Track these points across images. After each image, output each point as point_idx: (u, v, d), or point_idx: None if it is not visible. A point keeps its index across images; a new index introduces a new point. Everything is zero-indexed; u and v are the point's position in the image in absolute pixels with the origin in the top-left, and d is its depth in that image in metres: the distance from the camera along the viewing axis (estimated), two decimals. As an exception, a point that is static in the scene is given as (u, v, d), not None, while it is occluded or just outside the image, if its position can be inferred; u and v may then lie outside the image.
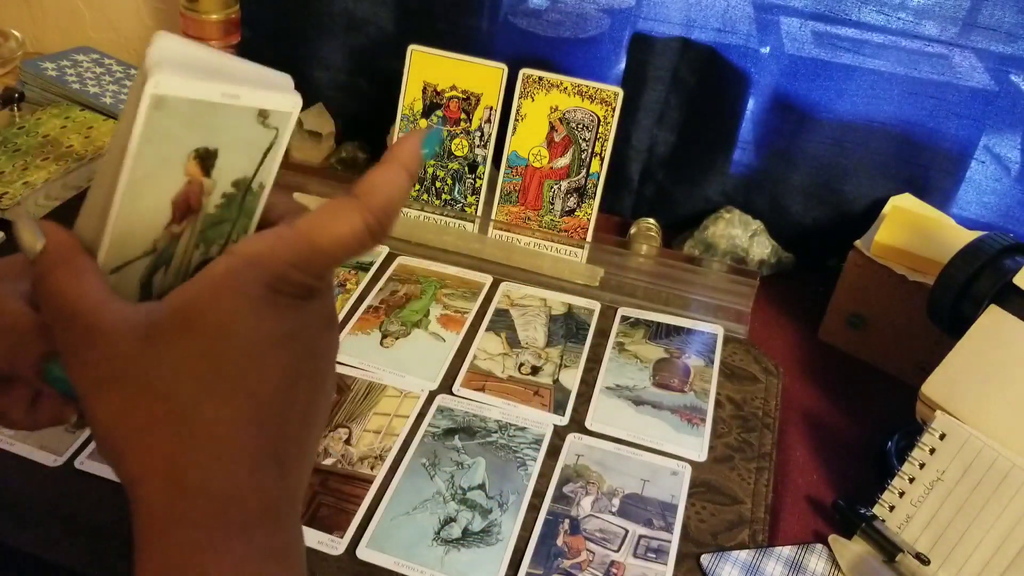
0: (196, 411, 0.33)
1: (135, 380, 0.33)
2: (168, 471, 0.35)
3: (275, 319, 0.34)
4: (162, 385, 0.33)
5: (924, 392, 0.68)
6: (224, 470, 0.34)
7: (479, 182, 0.95)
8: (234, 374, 0.33)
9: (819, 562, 0.66)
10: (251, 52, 1.04)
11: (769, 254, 0.98)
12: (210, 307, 0.33)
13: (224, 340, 0.33)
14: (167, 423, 0.33)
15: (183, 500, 0.35)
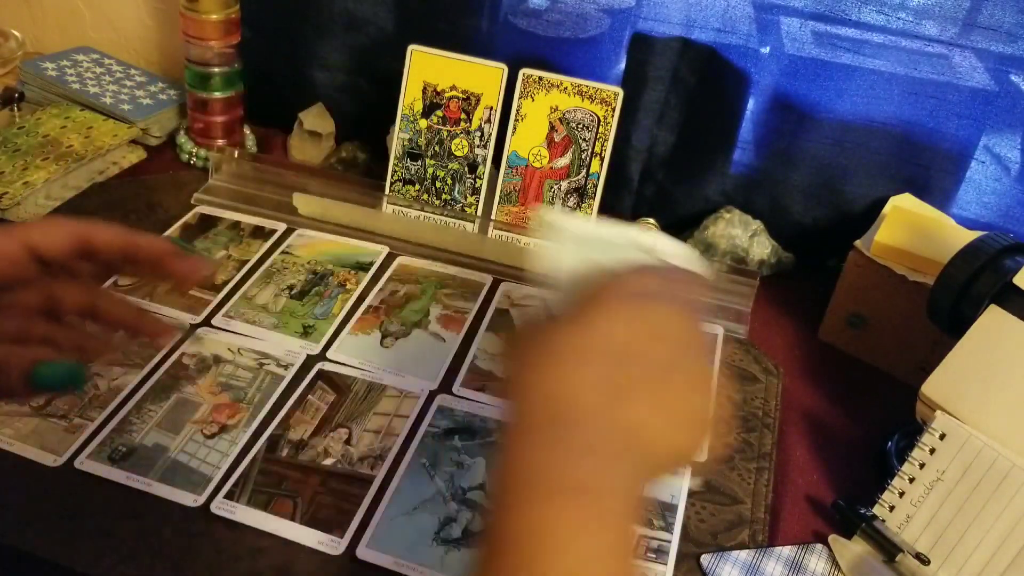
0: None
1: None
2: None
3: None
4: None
5: (924, 392, 0.68)
6: (560, 382, 0.46)
7: (479, 182, 0.95)
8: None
9: (819, 562, 0.66)
10: (251, 52, 1.04)
11: (769, 254, 0.98)
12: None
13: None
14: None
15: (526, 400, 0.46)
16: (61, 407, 0.71)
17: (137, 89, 1.11)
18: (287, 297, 0.86)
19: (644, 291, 0.49)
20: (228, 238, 0.93)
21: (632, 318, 0.48)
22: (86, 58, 1.15)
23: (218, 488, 0.66)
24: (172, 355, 0.77)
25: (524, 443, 0.45)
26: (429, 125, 0.95)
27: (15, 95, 1.08)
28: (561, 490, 0.43)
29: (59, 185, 0.95)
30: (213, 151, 1.02)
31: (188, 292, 0.84)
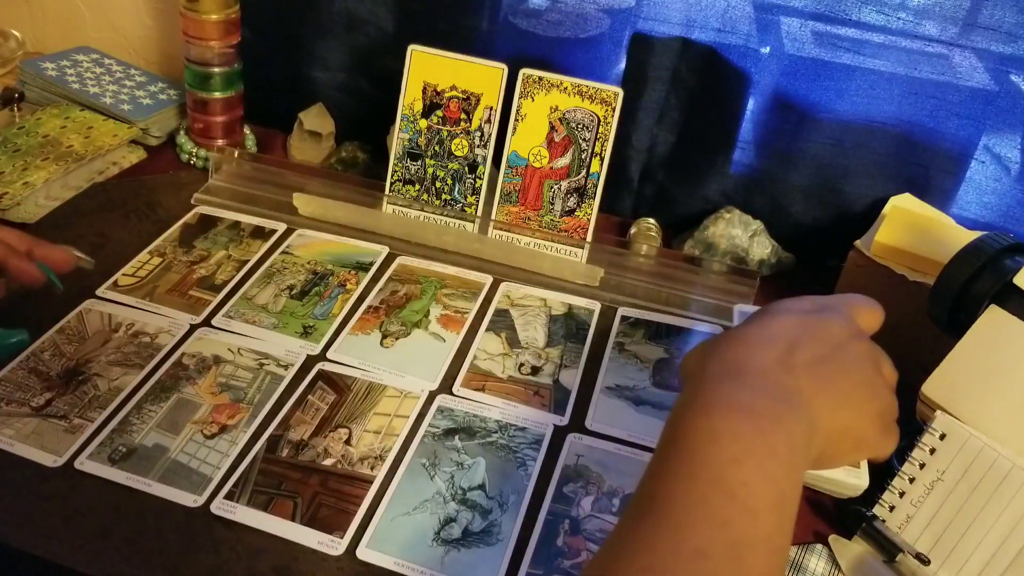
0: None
1: None
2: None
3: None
4: None
5: (924, 392, 0.68)
6: (739, 352, 0.53)
7: (479, 182, 0.95)
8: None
9: (819, 562, 0.66)
10: (251, 52, 1.04)
11: (769, 254, 0.98)
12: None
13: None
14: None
15: (706, 366, 0.53)
16: (61, 407, 0.71)
17: (137, 89, 1.11)
18: (287, 297, 0.86)
19: (811, 307, 0.57)
20: (228, 238, 0.93)
21: (803, 323, 0.55)
22: (86, 58, 1.15)
23: (218, 488, 0.66)
24: (172, 355, 0.77)
25: (706, 386, 0.50)
26: (429, 125, 0.95)
27: (15, 95, 1.08)
28: (742, 408, 0.48)
29: (59, 185, 0.95)
30: (213, 151, 1.02)
31: (188, 292, 0.84)
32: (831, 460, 0.58)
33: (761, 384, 0.50)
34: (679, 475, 0.46)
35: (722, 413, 0.48)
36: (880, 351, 0.59)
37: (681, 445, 0.47)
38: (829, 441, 0.53)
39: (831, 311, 0.57)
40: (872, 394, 0.56)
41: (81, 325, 0.79)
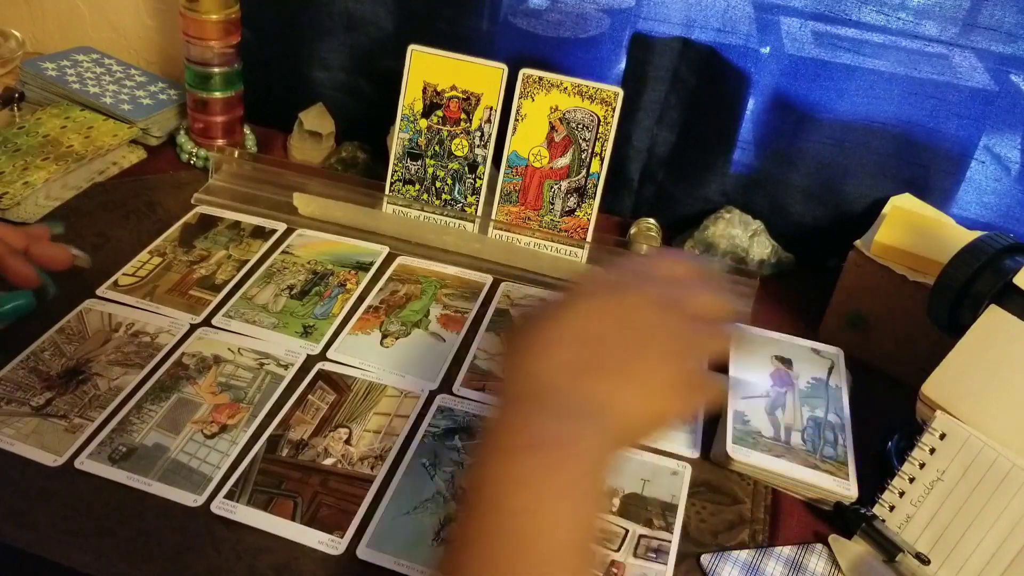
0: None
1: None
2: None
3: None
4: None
5: (924, 392, 0.68)
6: (538, 363, 0.53)
7: (479, 182, 0.95)
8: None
9: (819, 562, 0.67)
10: (251, 52, 1.04)
11: (769, 254, 0.98)
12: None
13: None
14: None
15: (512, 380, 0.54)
16: (61, 407, 0.71)
17: (137, 89, 1.11)
18: (287, 297, 0.86)
19: (615, 283, 0.58)
20: (228, 238, 0.93)
21: (602, 310, 0.56)
22: (86, 58, 1.15)
23: (218, 488, 0.66)
24: (172, 355, 0.77)
25: (503, 412, 0.51)
26: (429, 125, 0.95)
27: (15, 95, 1.08)
28: (529, 444, 0.48)
29: (59, 185, 0.95)
30: (213, 151, 1.03)
31: (188, 292, 0.84)
32: (638, 442, 0.62)
33: (555, 405, 0.51)
34: (477, 530, 0.47)
35: (514, 455, 0.48)
36: (680, 300, 0.59)
37: (478, 491, 0.48)
38: (633, 430, 0.55)
39: (627, 285, 0.58)
40: (676, 369, 0.56)
41: (81, 325, 0.79)
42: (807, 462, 0.71)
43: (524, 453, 0.48)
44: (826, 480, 0.69)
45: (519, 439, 0.49)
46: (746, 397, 0.76)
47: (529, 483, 0.47)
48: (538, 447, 0.49)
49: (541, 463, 0.48)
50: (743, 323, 0.85)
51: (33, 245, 0.74)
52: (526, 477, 0.47)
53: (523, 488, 0.47)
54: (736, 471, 0.72)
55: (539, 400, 0.52)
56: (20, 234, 0.74)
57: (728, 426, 0.72)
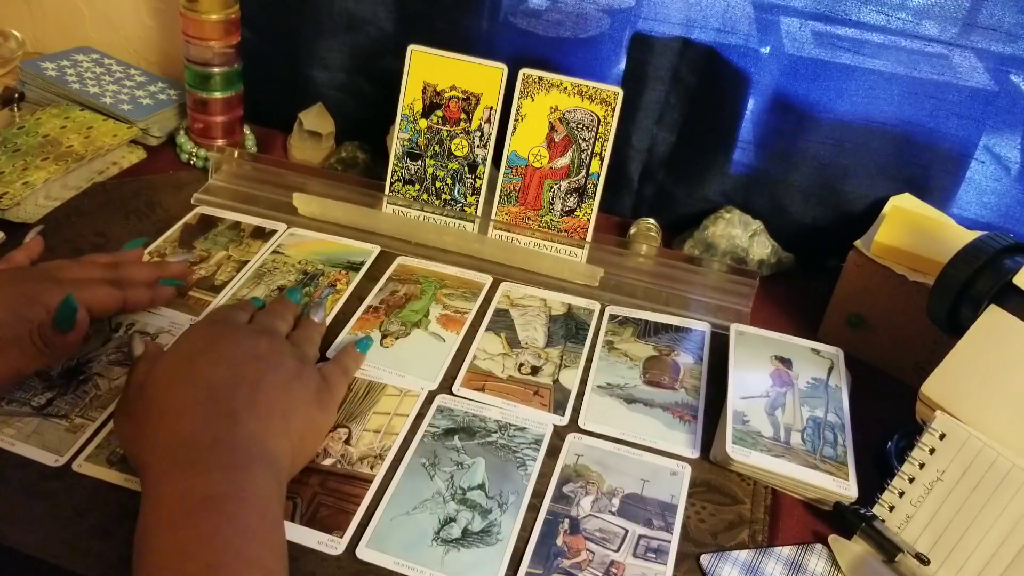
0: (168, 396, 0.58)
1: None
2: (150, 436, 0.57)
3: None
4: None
5: (924, 392, 0.68)
6: (182, 426, 0.54)
7: (479, 182, 0.95)
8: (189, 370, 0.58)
9: (819, 562, 0.66)
10: (251, 52, 1.04)
11: (769, 254, 0.98)
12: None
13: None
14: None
15: (157, 449, 0.54)
16: (62, 407, 0.71)
17: (137, 89, 1.11)
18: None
19: (212, 334, 0.62)
20: (228, 238, 0.93)
21: (216, 356, 0.58)
22: (86, 58, 1.15)
23: (218, 488, 0.66)
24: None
25: (162, 485, 0.51)
26: (429, 125, 0.95)
27: (15, 95, 1.08)
28: (202, 504, 0.48)
29: (59, 185, 0.95)
30: (213, 151, 1.03)
31: (188, 293, 0.84)
32: (299, 465, 0.63)
33: (215, 462, 0.51)
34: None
35: (184, 521, 0.48)
36: (275, 327, 0.67)
37: (157, 562, 0.47)
38: (296, 455, 0.58)
39: (225, 326, 0.63)
40: (301, 384, 0.60)
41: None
42: (807, 462, 0.71)
43: (195, 514, 0.48)
44: (826, 480, 0.69)
45: (186, 504, 0.49)
46: (746, 397, 0.76)
47: (210, 540, 0.47)
48: (208, 505, 0.48)
49: (216, 518, 0.48)
50: (743, 323, 0.85)
51: (158, 271, 0.82)
52: (206, 535, 0.47)
53: (204, 547, 0.46)
54: (736, 471, 0.72)
55: (193, 461, 0.51)
56: (148, 269, 0.82)
57: (728, 426, 0.72)
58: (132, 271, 0.79)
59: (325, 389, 0.64)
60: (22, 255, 0.78)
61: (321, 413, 0.62)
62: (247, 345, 0.61)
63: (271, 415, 0.57)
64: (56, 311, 0.66)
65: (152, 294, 0.79)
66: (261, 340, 0.62)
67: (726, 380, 0.77)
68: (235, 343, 0.61)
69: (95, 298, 0.73)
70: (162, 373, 0.59)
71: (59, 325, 0.66)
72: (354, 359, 0.75)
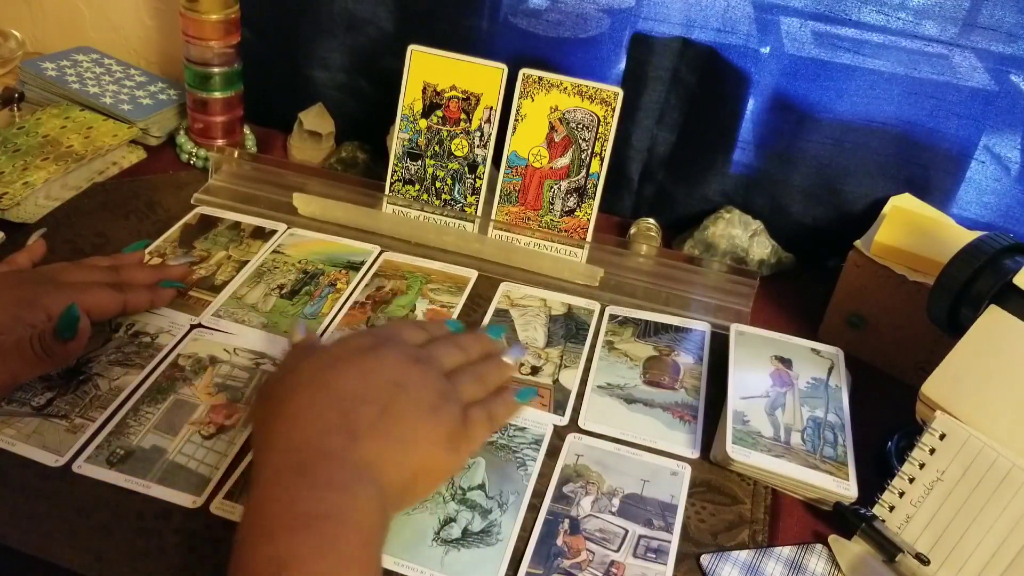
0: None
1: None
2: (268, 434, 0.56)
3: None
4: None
5: (924, 392, 0.68)
6: (302, 431, 0.54)
7: (479, 182, 0.95)
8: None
9: (819, 562, 0.66)
10: (251, 52, 1.04)
11: (769, 254, 0.98)
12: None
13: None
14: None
15: (273, 447, 0.54)
16: (62, 407, 0.71)
17: (137, 89, 1.11)
18: (277, 296, 0.86)
19: (366, 345, 0.60)
20: (228, 238, 0.93)
21: (359, 370, 0.57)
22: (86, 58, 1.15)
23: (217, 488, 0.66)
24: (168, 357, 0.77)
25: (271, 488, 0.50)
26: (429, 125, 0.95)
27: (15, 95, 1.08)
28: (305, 520, 0.47)
29: (59, 185, 0.95)
30: (213, 151, 1.03)
31: (188, 293, 0.84)
32: (413, 501, 0.62)
33: (324, 474, 0.50)
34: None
35: (283, 536, 0.47)
36: (439, 357, 0.62)
37: (249, 570, 0.46)
38: (405, 490, 0.55)
39: (384, 343, 0.60)
40: (435, 421, 0.57)
41: None
42: (807, 462, 0.70)
43: (297, 530, 0.47)
44: (826, 480, 0.69)
45: (290, 516, 0.48)
46: (746, 397, 0.76)
47: (306, 560, 0.46)
48: (311, 522, 0.47)
49: (316, 538, 0.46)
50: (743, 323, 0.85)
51: (158, 274, 0.82)
52: (303, 554, 0.46)
53: (301, 565, 0.45)
54: (736, 471, 0.72)
55: (304, 470, 0.50)
56: (148, 272, 0.81)
57: (728, 426, 0.72)
58: (132, 274, 0.79)
59: (461, 431, 0.59)
60: (24, 257, 0.78)
61: (447, 454, 0.58)
62: (394, 369, 0.58)
63: (390, 442, 0.54)
64: (58, 320, 0.66)
65: (152, 296, 0.79)
66: (413, 368, 0.59)
67: (726, 380, 0.77)
68: (383, 363, 0.58)
69: (96, 302, 0.73)
70: (306, 369, 0.58)
71: (61, 334, 0.66)
72: (507, 407, 0.65)
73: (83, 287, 0.73)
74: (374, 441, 0.53)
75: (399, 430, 0.55)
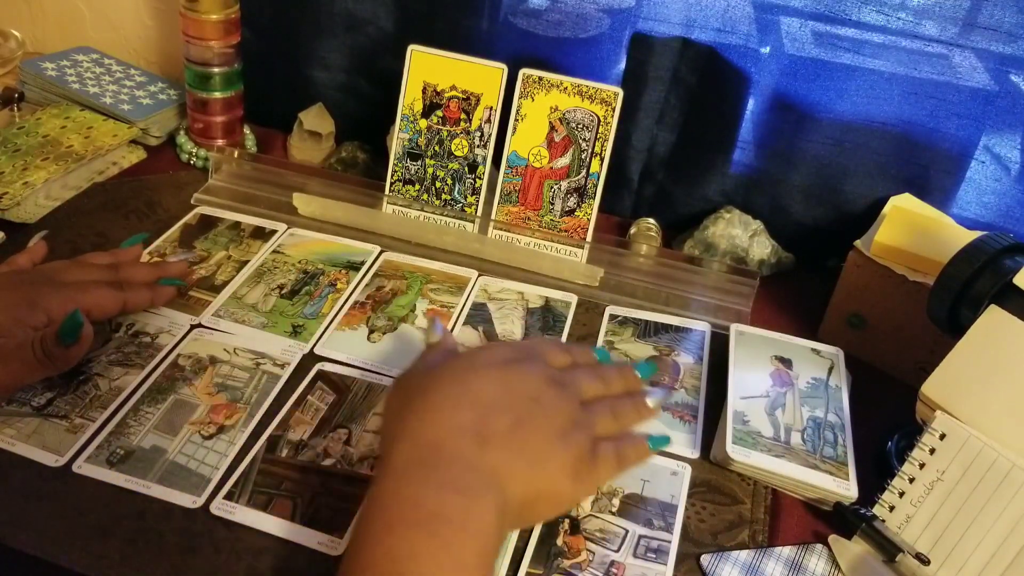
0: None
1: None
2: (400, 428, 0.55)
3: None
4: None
5: (924, 392, 0.68)
6: (435, 427, 0.53)
7: (479, 182, 0.95)
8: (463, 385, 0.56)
9: (819, 562, 0.66)
10: (251, 52, 1.04)
11: (769, 254, 0.98)
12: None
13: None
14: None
15: (403, 440, 0.53)
16: (62, 407, 0.71)
17: (137, 89, 1.11)
18: (277, 296, 0.86)
19: (510, 356, 0.59)
20: (228, 238, 0.93)
21: (499, 378, 0.56)
22: (86, 58, 1.15)
23: (217, 489, 0.66)
24: (168, 356, 0.77)
25: (397, 480, 0.50)
26: (429, 125, 0.95)
27: (15, 95, 1.08)
28: (426, 519, 0.47)
29: (59, 185, 0.95)
30: (213, 151, 1.03)
31: (188, 293, 0.84)
32: (528, 522, 0.61)
33: (450, 475, 0.50)
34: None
35: (402, 531, 0.47)
36: (579, 384, 0.60)
37: (364, 560, 0.47)
38: (524, 507, 0.54)
39: (528, 359, 0.59)
40: (564, 446, 0.55)
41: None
42: (807, 462, 0.70)
43: (417, 528, 0.47)
44: (826, 480, 0.69)
45: (411, 512, 0.48)
46: (746, 397, 0.76)
47: (421, 559, 0.46)
48: (431, 522, 0.47)
49: (434, 540, 0.47)
50: (743, 323, 0.85)
51: (156, 272, 0.81)
52: (419, 553, 0.46)
53: (415, 564, 0.46)
54: (736, 471, 0.72)
55: (431, 468, 0.50)
56: (147, 270, 0.81)
57: (728, 426, 0.72)
58: (132, 272, 0.79)
59: (588, 463, 0.56)
60: (25, 258, 0.77)
61: (570, 483, 0.55)
62: (534, 385, 0.57)
63: (520, 456, 0.53)
64: (61, 326, 0.66)
65: (152, 294, 0.79)
66: (551, 388, 0.57)
67: (726, 380, 0.77)
68: (525, 377, 0.57)
69: (96, 301, 0.72)
70: (447, 368, 0.57)
71: (64, 339, 0.66)
72: (637, 451, 0.62)
73: (83, 286, 0.73)
74: (504, 451, 0.53)
75: (530, 446, 0.54)
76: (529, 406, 0.55)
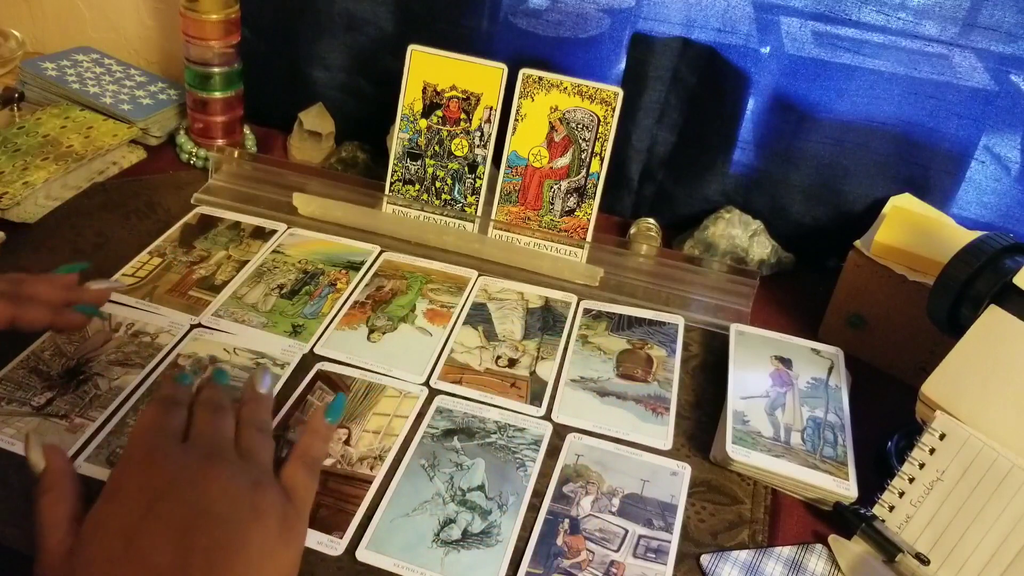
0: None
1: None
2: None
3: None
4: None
5: (924, 392, 0.68)
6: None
7: (479, 182, 0.95)
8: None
9: (819, 562, 0.66)
10: (251, 52, 1.04)
11: (769, 254, 0.98)
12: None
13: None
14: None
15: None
16: (62, 407, 0.71)
17: (137, 89, 1.11)
18: (277, 296, 0.86)
19: (146, 486, 0.53)
20: (228, 238, 0.93)
21: (155, 531, 0.50)
22: (86, 58, 1.15)
23: (218, 488, 0.66)
24: (168, 356, 0.77)
25: None
26: (429, 125, 0.95)
27: (15, 95, 1.08)
28: None
29: (59, 185, 0.95)
30: (213, 151, 1.03)
31: (188, 293, 0.84)
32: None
33: None
34: None
35: None
36: (215, 439, 0.56)
37: None
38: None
39: (157, 467, 0.53)
40: (261, 529, 0.52)
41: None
42: (807, 462, 0.71)
43: None
44: (826, 480, 0.69)
45: None
46: (746, 397, 0.76)
47: None
48: None
49: None
50: (743, 323, 0.85)
51: (72, 295, 0.71)
52: None
53: None
54: (736, 471, 0.72)
55: None
56: (59, 290, 0.71)
57: (728, 426, 0.72)
58: (36, 288, 0.69)
59: (290, 513, 0.55)
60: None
61: (286, 549, 0.53)
62: (191, 495, 0.52)
63: (231, 571, 0.50)
64: None
65: (53, 316, 0.69)
66: (208, 477, 0.53)
67: (726, 380, 0.77)
68: (177, 497, 0.52)
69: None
70: (97, 553, 0.50)
71: None
72: (323, 438, 0.61)
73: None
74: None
75: (235, 565, 0.50)
76: (204, 526, 0.50)
